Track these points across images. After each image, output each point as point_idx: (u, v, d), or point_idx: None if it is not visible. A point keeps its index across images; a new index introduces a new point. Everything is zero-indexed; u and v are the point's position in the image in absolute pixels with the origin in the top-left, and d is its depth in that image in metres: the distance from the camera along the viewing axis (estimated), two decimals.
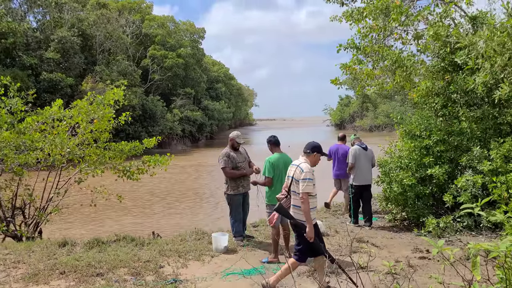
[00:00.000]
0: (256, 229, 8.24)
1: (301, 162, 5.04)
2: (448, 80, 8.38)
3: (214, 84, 64.68)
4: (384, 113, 69.36)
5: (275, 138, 6.60)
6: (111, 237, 7.78)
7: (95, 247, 7.01)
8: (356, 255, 6.40)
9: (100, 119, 8.72)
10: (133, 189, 17.22)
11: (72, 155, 8.47)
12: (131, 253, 6.55)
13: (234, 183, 7.23)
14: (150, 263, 6.04)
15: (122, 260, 6.12)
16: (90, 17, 37.51)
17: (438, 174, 7.57)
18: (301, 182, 4.85)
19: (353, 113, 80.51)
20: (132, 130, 35.96)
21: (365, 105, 76.37)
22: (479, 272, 2.42)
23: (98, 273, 5.66)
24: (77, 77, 33.79)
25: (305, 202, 4.81)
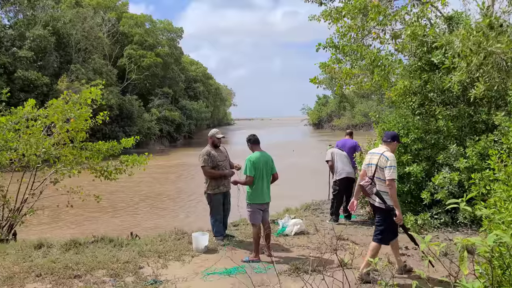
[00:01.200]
0: (236, 228, 8.21)
1: (384, 151, 5.38)
2: (425, 79, 8.49)
3: (192, 83, 64.32)
4: (361, 113, 70.20)
5: (254, 137, 6.58)
6: (89, 238, 7.64)
7: (72, 248, 6.87)
8: (338, 253, 6.43)
9: (77, 118, 8.55)
10: (111, 189, 16.95)
11: (47, 155, 8.29)
12: (110, 254, 6.44)
13: (215, 182, 7.17)
14: (129, 264, 5.96)
15: (100, 262, 6.01)
16: (65, 16, 36.83)
17: (416, 172, 7.67)
18: (387, 169, 5.20)
19: (331, 112, 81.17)
20: (109, 130, 35.47)
21: (343, 105, 77.10)
22: (466, 266, 2.44)
23: (75, 275, 5.54)
24: (52, 76, 33.13)
25: (392, 188, 5.19)
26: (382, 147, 5.54)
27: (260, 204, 6.33)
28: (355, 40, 9.16)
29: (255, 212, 6.33)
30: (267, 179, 6.39)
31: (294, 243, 7.08)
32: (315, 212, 9.63)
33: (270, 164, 6.43)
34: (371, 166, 5.47)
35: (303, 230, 7.64)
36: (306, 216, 9.11)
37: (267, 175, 6.37)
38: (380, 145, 5.68)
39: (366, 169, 5.58)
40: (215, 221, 7.26)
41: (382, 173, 5.27)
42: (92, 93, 8.80)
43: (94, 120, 9.00)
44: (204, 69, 75.96)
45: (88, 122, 8.73)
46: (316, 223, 8.40)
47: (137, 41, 46.09)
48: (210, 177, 7.16)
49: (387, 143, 5.53)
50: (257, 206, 6.32)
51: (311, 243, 7.01)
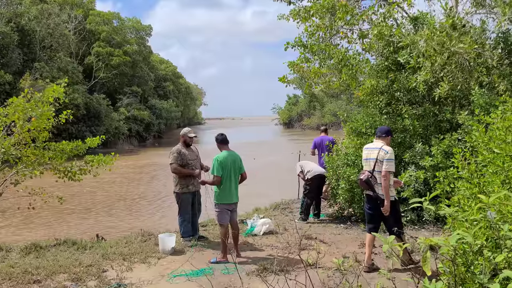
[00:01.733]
0: (205, 228, 8.09)
1: (383, 145, 5.59)
2: (392, 78, 8.59)
3: (162, 82, 63.48)
4: (331, 112, 70.90)
5: (222, 136, 6.48)
6: (51, 242, 7.40)
7: (33, 252, 6.64)
8: (305, 252, 6.42)
9: (39, 117, 8.26)
10: (83, 190, 16.51)
11: (7, 155, 7.96)
12: (72, 258, 6.24)
13: (184, 181, 7.04)
14: (92, 268, 5.77)
15: (62, 266, 5.81)
16: (30, 12, 35.73)
17: None
18: (385, 161, 5.43)
19: (301, 112, 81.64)
20: (75, 129, 34.57)
21: (313, 104, 77.63)
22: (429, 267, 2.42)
23: (35, 280, 5.33)
24: (15, 74, 32.08)
25: (386, 180, 5.41)
26: (378, 142, 5.70)
27: (228, 204, 6.25)
28: (323, 39, 9.19)
29: (223, 212, 6.25)
30: (235, 179, 6.31)
31: (263, 243, 7.04)
32: (284, 211, 9.61)
33: (238, 164, 6.36)
34: (369, 161, 5.65)
35: (272, 230, 7.61)
36: (275, 216, 9.08)
37: (235, 175, 6.29)
38: (375, 140, 5.84)
39: (365, 164, 5.77)
40: (183, 221, 7.13)
41: (381, 166, 5.47)
42: (55, 92, 8.52)
43: (57, 119, 8.72)
44: (174, 68, 75.09)
45: (50, 121, 8.44)
46: (285, 223, 8.38)
47: (104, 38, 45.13)
48: (178, 175, 7.04)
49: (382, 138, 5.72)
50: (224, 206, 6.24)
51: (279, 243, 6.97)
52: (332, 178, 8.41)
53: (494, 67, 7.83)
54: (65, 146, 8.73)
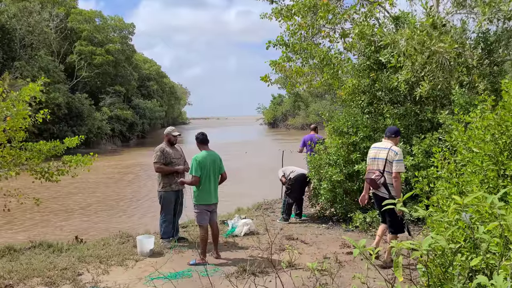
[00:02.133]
0: (185, 230, 7.97)
1: (392, 145, 5.66)
2: (374, 78, 8.58)
3: (145, 82, 62.92)
4: (315, 112, 71.16)
5: (202, 136, 6.36)
6: (26, 244, 7.22)
7: (6, 255, 6.46)
8: (286, 253, 6.35)
9: (14, 116, 8.05)
10: (66, 191, 16.20)
11: None
12: (47, 261, 6.07)
13: (167, 180, 6.92)
14: (67, 271, 5.62)
15: (36, 269, 5.64)
16: (10, 10, 35.04)
17: (365, 170, 7.69)
18: (395, 162, 5.52)
19: (286, 111, 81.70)
20: (57, 129, 34.02)
21: (297, 104, 77.80)
22: (401, 272, 2.36)
23: (7, 284, 5.16)
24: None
25: (398, 180, 5.55)
26: (386, 142, 5.77)
27: (207, 205, 6.13)
28: (305, 38, 9.14)
29: (202, 213, 6.14)
30: (215, 179, 6.20)
31: (244, 244, 6.95)
32: (266, 211, 9.53)
33: (218, 164, 6.24)
34: (377, 160, 5.71)
35: (253, 231, 7.52)
36: (257, 216, 9.00)
37: (214, 175, 6.17)
38: (383, 140, 5.90)
39: (371, 163, 5.83)
40: (164, 221, 7.00)
41: (391, 166, 5.56)
42: (32, 90, 8.31)
43: (34, 119, 8.52)
44: (158, 67, 74.55)
45: (27, 121, 8.23)
46: (267, 223, 8.31)
47: (86, 37, 44.52)
48: (162, 174, 6.95)
49: (391, 138, 5.81)
50: (204, 207, 6.12)
51: (260, 244, 6.86)
52: (314, 178, 8.36)
53: (474, 67, 7.87)
54: (42, 146, 8.53)
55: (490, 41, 8.48)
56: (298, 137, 49.18)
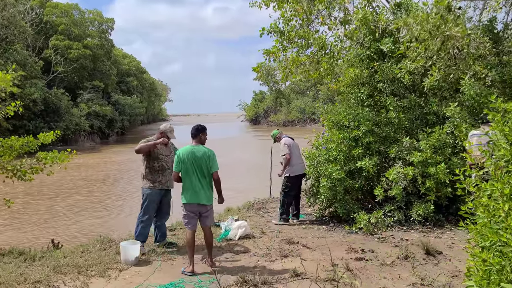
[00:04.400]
0: (173, 233, 7.28)
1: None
2: (375, 68, 8.01)
3: (125, 77, 61.47)
4: (297, 108, 70.81)
5: (194, 128, 5.63)
6: None
7: None
8: (288, 259, 5.72)
9: None
10: (42, 190, 15.26)
11: None
12: (17, 272, 5.31)
13: (151, 176, 6.26)
14: (40, 284, 4.89)
15: (3, 282, 4.89)
16: None
17: (368, 167, 7.13)
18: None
19: (267, 108, 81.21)
20: (32, 126, 32.73)
21: (279, 101, 77.42)
22: None
23: None
24: None
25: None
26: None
27: (190, 205, 5.42)
28: (301, 26, 8.50)
29: (186, 216, 5.48)
30: (200, 178, 5.40)
31: (239, 249, 6.29)
32: (259, 211, 8.88)
33: (204, 161, 5.43)
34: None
35: (249, 234, 6.87)
36: (250, 217, 8.35)
37: (199, 173, 5.40)
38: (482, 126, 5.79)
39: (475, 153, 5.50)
40: (141, 222, 6.26)
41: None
42: (1, 81, 7.50)
43: (4, 111, 7.72)
44: (138, 62, 72.96)
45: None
46: (262, 225, 7.67)
47: (63, 31, 43.07)
48: (146, 170, 6.26)
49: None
50: (188, 207, 5.44)
51: (258, 249, 6.24)
52: (312, 176, 7.76)
53: (480, 57, 7.38)
54: (14, 142, 7.72)
55: (497, 29, 8.01)
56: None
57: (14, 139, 7.82)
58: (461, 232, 6.65)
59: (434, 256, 5.58)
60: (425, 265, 5.34)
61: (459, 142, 7.23)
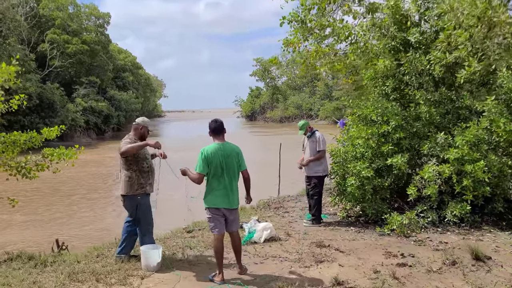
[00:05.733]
0: (191, 235, 6.79)
1: None
2: (402, 60, 7.55)
3: (120, 73, 60.66)
4: (294, 104, 70.39)
5: (216, 124, 5.09)
6: (0, 256, 5.92)
7: None
8: (323, 265, 5.26)
9: None
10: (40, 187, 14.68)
11: None
12: (29, 280, 4.84)
13: (142, 180, 5.38)
14: None
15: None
16: None
17: (400, 164, 6.68)
18: None
19: (264, 104, 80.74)
20: (28, 121, 32.06)
21: (276, 97, 76.99)
22: None
23: None
24: None
25: None
26: None
27: (217, 209, 4.89)
28: (323, 14, 8.02)
29: (212, 219, 4.90)
30: (230, 178, 4.89)
31: (267, 253, 5.82)
32: (278, 211, 8.41)
33: (234, 159, 4.94)
34: None
35: (274, 236, 6.40)
36: (270, 217, 7.88)
37: (229, 173, 4.88)
38: None
39: None
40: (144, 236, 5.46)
41: None
42: (4, 71, 6.96)
43: (7, 105, 7.19)
44: (133, 58, 72.04)
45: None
46: (284, 226, 7.21)
47: (59, 25, 42.30)
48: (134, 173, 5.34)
49: None
50: (213, 211, 4.90)
51: (287, 253, 5.77)
52: (339, 173, 7.30)
53: None
54: (17, 137, 7.21)
55: None
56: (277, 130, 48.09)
57: (18, 134, 7.31)
58: (502, 234, 6.23)
59: (484, 261, 5.15)
60: (476, 272, 4.90)
61: (495, 138, 6.82)
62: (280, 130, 48.74)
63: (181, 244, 6.18)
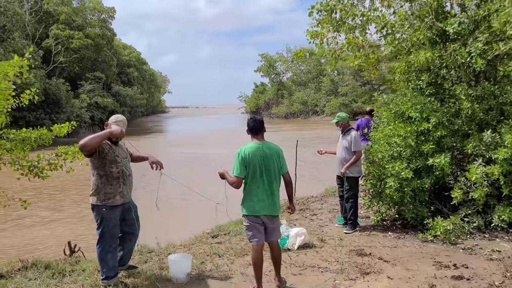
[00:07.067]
0: (217, 240, 6.30)
1: None
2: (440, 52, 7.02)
3: (125, 68, 60.22)
4: (299, 100, 69.83)
5: (254, 122, 4.53)
6: (14, 264, 5.46)
7: None
8: (371, 278, 4.76)
9: None
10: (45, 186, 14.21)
11: None
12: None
13: (110, 187, 4.51)
14: None
15: None
16: None
17: (443, 165, 6.17)
18: None
19: (269, 100, 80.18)
20: (33, 117, 31.71)
21: (281, 93, 76.41)
22: None
23: None
24: None
25: None
26: None
27: (256, 217, 4.39)
28: (353, 5, 7.49)
29: (250, 227, 4.41)
30: (270, 182, 4.38)
31: (304, 261, 5.33)
32: (305, 213, 7.91)
33: (275, 161, 4.43)
34: None
35: (308, 242, 5.92)
36: (297, 220, 7.40)
37: (269, 176, 4.37)
38: None
39: None
40: (107, 253, 4.50)
41: None
42: (16, 63, 6.47)
43: (18, 100, 6.70)
44: (138, 53, 71.55)
45: (9, 102, 6.42)
46: (316, 230, 6.72)
47: (64, 20, 41.86)
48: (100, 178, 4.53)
49: None
50: (253, 219, 4.42)
51: (326, 262, 5.29)
52: (374, 174, 6.80)
53: None
54: (28, 134, 6.73)
55: None
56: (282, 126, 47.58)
57: (28, 131, 6.84)
58: None
59: None
60: None
61: None
62: (286, 126, 48.21)
63: (209, 251, 5.71)
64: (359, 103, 55.62)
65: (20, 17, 36.60)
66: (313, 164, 16.54)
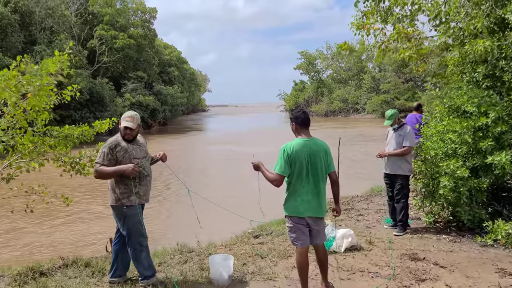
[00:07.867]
0: (259, 240, 6.06)
1: None
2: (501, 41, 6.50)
3: (166, 68, 61.13)
4: (339, 98, 68.78)
5: (303, 115, 4.23)
6: (54, 262, 5.41)
7: (30, 281, 4.65)
8: (426, 285, 4.39)
9: (36, 93, 6.21)
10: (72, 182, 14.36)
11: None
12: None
13: (125, 186, 4.44)
14: None
15: None
16: None
17: (503, 163, 5.68)
18: None
19: (308, 98, 79.37)
20: (78, 116, 32.58)
21: (320, 90, 75.52)
22: None
23: None
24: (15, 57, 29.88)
25: None
26: None
27: (300, 218, 4.09)
28: None
29: (294, 229, 4.10)
30: (316, 181, 4.06)
31: (352, 265, 5.01)
32: (350, 213, 7.56)
33: (322, 158, 4.10)
34: None
35: (355, 245, 5.58)
36: (342, 220, 7.06)
37: (315, 175, 4.06)
38: None
39: None
40: (141, 252, 4.42)
41: None
42: (57, 59, 6.45)
43: (60, 97, 6.68)
44: (178, 53, 72.50)
45: (52, 98, 6.39)
46: (363, 232, 6.36)
47: (108, 21, 42.87)
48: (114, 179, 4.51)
49: None
50: (296, 220, 4.10)
51: (377, 266, 4.94)
52: (427, 173, 6.37)
53: None
54: (71, 130, 6.71)
55: None
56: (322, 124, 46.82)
57: (71, 128, 6.82)
58: None
59: None
60: None
61: None
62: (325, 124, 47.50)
63: (250, 252, 5.47)
64: (401, 101, 54.05)
65: (67, 19, 37.70)
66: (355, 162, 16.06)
